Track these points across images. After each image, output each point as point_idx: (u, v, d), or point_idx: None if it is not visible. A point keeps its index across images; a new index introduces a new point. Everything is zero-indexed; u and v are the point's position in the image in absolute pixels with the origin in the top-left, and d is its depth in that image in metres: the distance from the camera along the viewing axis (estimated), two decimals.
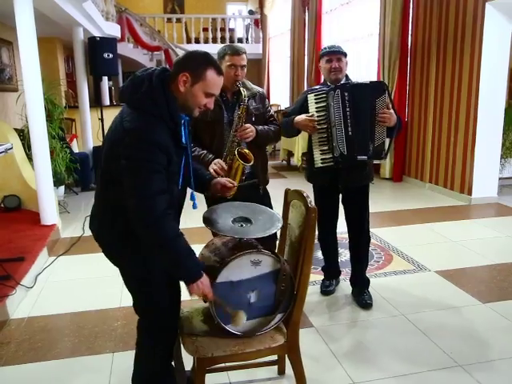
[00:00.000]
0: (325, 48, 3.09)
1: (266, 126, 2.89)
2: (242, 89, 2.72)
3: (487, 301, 3.27)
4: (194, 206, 2.06)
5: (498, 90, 5.67)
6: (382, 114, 2.87)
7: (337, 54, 3.00)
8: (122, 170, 1.72)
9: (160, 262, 1.84)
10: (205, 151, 2.76)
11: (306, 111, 3.00)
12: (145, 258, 1.87)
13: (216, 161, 2.66)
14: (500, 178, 6.08)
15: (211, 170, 2.60)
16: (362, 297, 3.29)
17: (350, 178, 3.08)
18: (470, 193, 5.88)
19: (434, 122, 6.50)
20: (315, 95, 2.98)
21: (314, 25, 9.29)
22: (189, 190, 2.04)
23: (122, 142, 1.73)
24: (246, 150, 2.66)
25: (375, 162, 3.15)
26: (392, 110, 2.92)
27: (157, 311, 1.97)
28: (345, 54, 3.04)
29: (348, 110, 2.89)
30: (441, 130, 6.39)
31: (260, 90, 2.96)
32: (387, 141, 2.98)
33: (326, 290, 3.41)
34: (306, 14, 9.79)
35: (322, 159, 3.01)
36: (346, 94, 2.88)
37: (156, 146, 1.71)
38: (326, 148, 2.99)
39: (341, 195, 3.23)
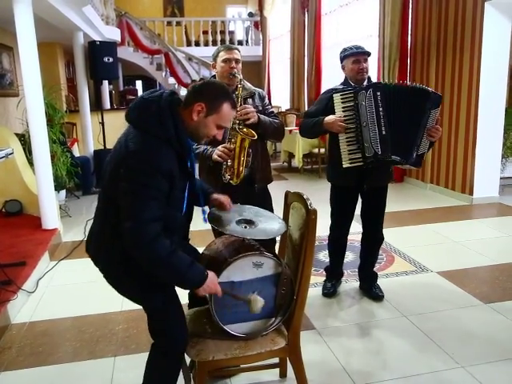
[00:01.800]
0: (350, 48, 3.06)
1: (267, 117, 2.89)
2: (236, 75, 2.73)
3: (489, 301, 3.26)
4: (205, 220, 2.06)
5: (499, 90, 5.66)
6: (436, 129, 2.94)
7: (364, 55, 3.00)
8: (121, 191, 1.71)
9: (164, 279, 1.82)
10: (207, 146, 2.75)
11: (331, 111, 2.98)
12: (144, 285, 1.85)
13: (220, 146, 2.66)
14: (501, 178, 6.07)
15: (216, 157, 2.66)
16: (373, 290, 3.36)
17: (375, 177, 3.09)
18: (471, 193, 5.87)
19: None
20: (342, 95, 2.96)
21: (313, 26, 9.31)
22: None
23: (125, 162, 1.71)
24: (246, 129, 2.66)
25: (405, 167, 3.14)
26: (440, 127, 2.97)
27: (171, 336, 1.94)
28: (369, 54, 3.04)
29: (381, 109, 2.87)
30: (441, 130, 6.36)
31: (259, 90, 2.98)
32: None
33: (329, 292, 3.40)
34: (306, 15, 9.81)
35: (350, 159, 2.97)
36: (379, 93, 2.86)
37: (158, 171, 1.69)
38: (354, 148, 2.96)
39: (359, 195, 3.23)
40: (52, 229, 4.75)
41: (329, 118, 2.96)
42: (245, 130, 2.65)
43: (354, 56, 3.03)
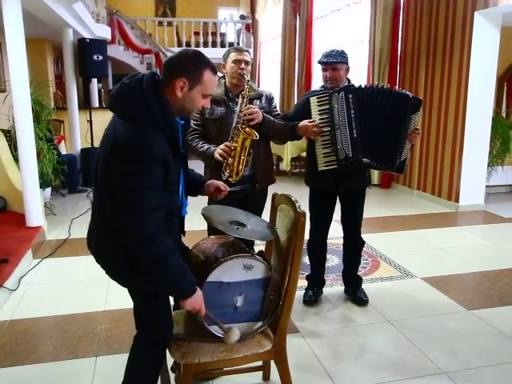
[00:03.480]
0: (322, 55, 3.05)
1: (272, 118, 2.91)
2: (245, 76, 2.76)
3: (473, 308, 3.29)
4: (184, 212, 2.01)
5: (486, 99, 5.73)
6: (416, 133, 2.93)
7: (332, 65, 2.98)
8: (115, 183, 1.64)
9: (152, 278, 1.74)
10: (210, 145, 2.78)
11: (308, 114, 2.98)
12: (145, 277, 1.79)
13: (222, 144, 2.70)
14: (487, 186, 6.13)
15: (217, 156, 2.69)
16: (357, 294, 3.36)
17: (351, 181, 3.09)
18: (457, 200, 5.92)
19: (423, 129, 6.54)
20: (318, 98, 2.96)
21: (304, 30, 9.34)
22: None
23: (116, 153, 1.64)
24: (248, 129, 2.68)
25: (388, 171, 3.13)
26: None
27: (161, 327, 1.91)
28: (342, 62, 2.99)
29: (353, 112, 2.86)
30: (429, 138, 6.43)
31: (267, 91, 3.00)
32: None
33: (310, 299, 3.35)
34: (297, 19, 9.84)
35: (325, 162, 2.97)
36: (351, 96, 2.86)
37: (152, 156, 1.62)
38: (329, 151, 2.96)
39: (338, 199, 3.23)
40: (36, 226, 4.69)
41: (301, 124, 2.96)
42: (247, 129, 2.68)
43: (322, 64, 3.04)
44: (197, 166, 2.35)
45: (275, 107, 3.03)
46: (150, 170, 1.63)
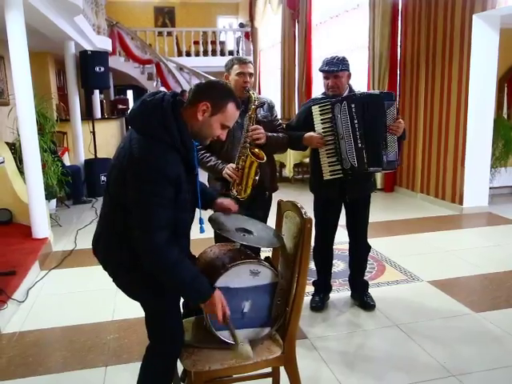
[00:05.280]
0: (323, 63, 3.05)
1: (275, 134, 2.93)
2: (251, 92, 2.78)
3: (480, 310, 3.29)
4: (202, 230, 2.04)
5: (487, 101, 5.74)
6: (396, 123, 2.87)
7: (333, 73, 2.98)
8: (129, 199, 1.70)
9: (169, 287, 1.81)
10: (218, 161, 2.81)
11: (311, 123, 2.99)
12: (154, 287, 1.83)
13: (229, 165, 2.74)
14: (490, 188, 6.14)
15: (225, 175, 2.73)
16: (364, 299, 3.37)
17: (357, 188, 3.10)
18: (461, 202, 5.92)
19: (425, 132, 6.57)
20: (320, 107, 2.97)
21: (304, 37, 9.38)
22: (196, 215, 2.03)
23: (131, 169, 1.69)
24: (257, 149, 2.71)
25: (387, 171, 3.13)
26: (401, 119, 2.93)
27: (171, 338, 1.93)
28: (344, 70, 2.99)
29: (356, 121, 2.85)
30: (431, 141, 6.45)
31: (268, 99, 3.02)
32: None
33: (317, 305, 3.35)
34: (296, 26, 9.89)
35: (330, 171, 2.99)
36: (353, 105, 2.85)
37: (165, 177, 1.67)
38: (334, 160, 2.97)
39: (343, 206, 3.24)
40: (42, 238, 4.72)
41: (307, 135, 2.97)
42: (256, 150, 2.71)
43: (323, 72, 3.05)
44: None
45: (276, 115, 3.06)
46: (162, 190, 1.68)
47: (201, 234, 2.04)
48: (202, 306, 1.80)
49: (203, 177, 2.42)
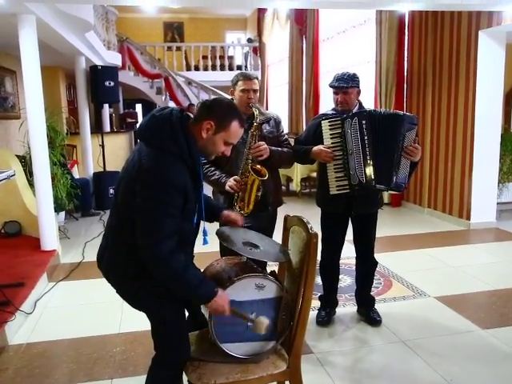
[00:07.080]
0: (334, 78, 3.08)
1: (279, 148, 2.96)
2: (254, 109, 2.80)
3: (487, 327, 3.27)
4: (205, 242, 2.10)
5: (494, 116, 5.75)
6: (412, 147, 2.85)
7: (343, 89, 3.01)
8: (137, 208, 1.75)
9: (176, 292, 1.86)
10: (222, 174, 2.84)
11: (320, 137, 3.01)
12: (158, 297, 1.89)
13: (232, 178, 2.77)
14: (498, 203, 6.11)
15: (227, 188, 2.74)
16: (370, 314, 3.36)
17: (364, 204, 3.10)
18: (468, 218, 5.91)
19: (432, 147, 6.58)
20: (330, 122, 2.98)
21: (311, 52, 9.47)
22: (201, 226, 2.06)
23: (140, 180, 1.75)
24: (259, 166, 2.74)
25: (392, 192, 3.12)
26: (419, 146, 2.92)
27: (177, 349, 1.96)
28: (354, 86, 3.02)
29: (366, 138, 2.86)
30: (438, 156, 6.45)
31: (275, 115, 3.04)
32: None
33: (323, 320, 3.35)
34: (304, 41, 9.98)
35: (337, 186, 2.99)
36: (364, 122, 2.85)
37: (173, 187, 1.74)
38: (341, 175, 2.97)
39: (350, 221, 3.24)
40: (51, 250, 4.76)
41: (316, 149, 2.98)
42: (258, 167, 2.74)
43: (333, 88, 3.08)
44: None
45: (282, 131, 3.08)
46: (171, 200, 1.74)
47: (207, 248, 2.07)
48: (208, 306, 1.83)
49: (208, 191, 2.45)
